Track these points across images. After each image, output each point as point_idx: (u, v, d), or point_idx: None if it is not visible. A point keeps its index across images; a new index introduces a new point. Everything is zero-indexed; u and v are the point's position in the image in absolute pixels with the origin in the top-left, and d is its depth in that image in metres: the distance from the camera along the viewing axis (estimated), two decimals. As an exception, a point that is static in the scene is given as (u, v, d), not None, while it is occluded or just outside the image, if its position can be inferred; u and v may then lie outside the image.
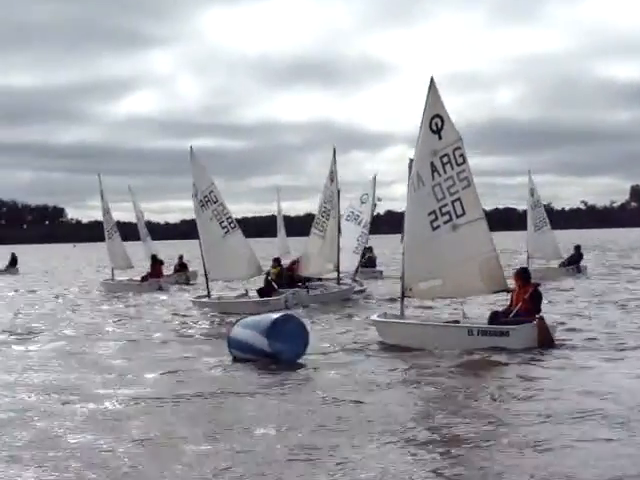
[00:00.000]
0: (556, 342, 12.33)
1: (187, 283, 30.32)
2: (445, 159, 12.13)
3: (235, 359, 11.73)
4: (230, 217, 20.54)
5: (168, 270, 32.10)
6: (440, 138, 12.19)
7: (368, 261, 34.28)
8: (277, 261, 22.59)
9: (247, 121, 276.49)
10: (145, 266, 31.15)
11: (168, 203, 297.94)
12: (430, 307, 16.96)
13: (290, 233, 44.02)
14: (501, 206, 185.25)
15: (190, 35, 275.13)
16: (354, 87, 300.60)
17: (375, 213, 25.33)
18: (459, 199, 12.15)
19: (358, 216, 24.44)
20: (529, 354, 11.41)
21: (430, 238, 12.48)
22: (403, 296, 13.21)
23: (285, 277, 21.64)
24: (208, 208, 20.28)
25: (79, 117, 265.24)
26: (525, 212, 30.46)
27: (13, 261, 46.72)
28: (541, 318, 12.39)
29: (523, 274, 13.22)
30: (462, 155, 12.09)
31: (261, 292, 20.49)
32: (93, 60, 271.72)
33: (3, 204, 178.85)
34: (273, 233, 43.54)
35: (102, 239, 33.00)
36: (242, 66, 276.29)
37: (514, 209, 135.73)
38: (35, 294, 28.06)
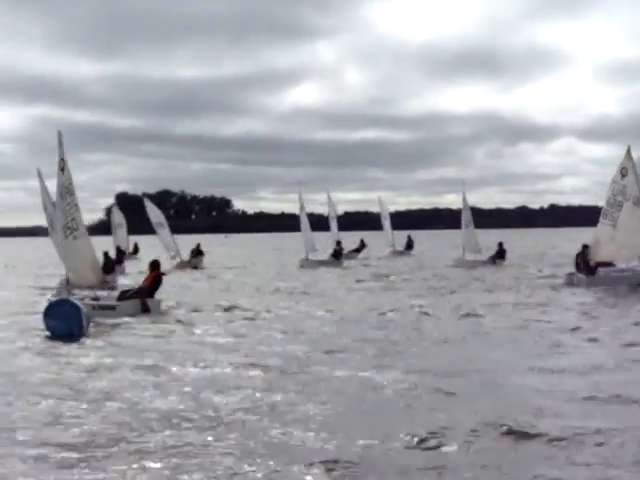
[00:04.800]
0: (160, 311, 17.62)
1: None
2: (66, 190, 17.44)
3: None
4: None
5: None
6: (63, 174, 17.49)
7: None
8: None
9: (412, 112, 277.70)
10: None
11: (334, 194, 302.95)
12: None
13: (455, 226, 42.21)
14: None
15: (355, 26, 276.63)
16: (521, 78, 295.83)
17: (539, 206, 24.38)
18: (74, 219, 17.45)
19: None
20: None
21: (66, 243, 17.77)
22: (68, 282, 18.42)
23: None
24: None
25: (245, 109, 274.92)
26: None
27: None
28: (143, 296, 17.65)
29: (152, 264, 18.72)
30: (71, 189, 17.39)
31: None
32: (259, 52, 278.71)
33: (172, 195, 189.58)
34: (435, 225, 39.24)
35: (267, 230, 39.70)
36: (407, 57, 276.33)
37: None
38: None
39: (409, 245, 51.88)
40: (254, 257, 51.35)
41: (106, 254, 32.15)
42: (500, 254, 36.86)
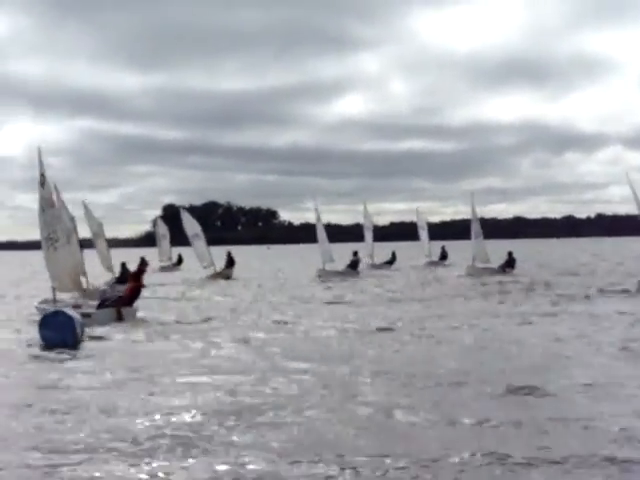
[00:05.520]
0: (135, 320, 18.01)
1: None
2: (45, 203, 18.15)
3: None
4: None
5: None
6: (43, 188, 18.20)
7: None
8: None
9: (457, 122, 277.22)
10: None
11: (380, 205, 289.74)
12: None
13: (492, 236, 41.65)
14: None
15: (399, 36, 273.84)
16: (566, 87, 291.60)
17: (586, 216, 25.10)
18: (55, 230, 18.16)
19: None
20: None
21: (48, 253, 18.49)
22: (54, 289, 18.94)
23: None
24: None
25: (291, 120, 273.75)
26: None
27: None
28: (119, 305, 18.16)
29: (134, 274, 19.70)
30: (51, 202, 18.10)
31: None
32: (304, 63, 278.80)
33: (219, 206, 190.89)
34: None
35: (314, 240, 40.23)
36: (451, 66, 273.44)
37: None
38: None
39: (443, 255, 52.45)
40: (284, 268, 51.54)
41: (123, 265, 32.90)
42: (509, 263, 37.24)
